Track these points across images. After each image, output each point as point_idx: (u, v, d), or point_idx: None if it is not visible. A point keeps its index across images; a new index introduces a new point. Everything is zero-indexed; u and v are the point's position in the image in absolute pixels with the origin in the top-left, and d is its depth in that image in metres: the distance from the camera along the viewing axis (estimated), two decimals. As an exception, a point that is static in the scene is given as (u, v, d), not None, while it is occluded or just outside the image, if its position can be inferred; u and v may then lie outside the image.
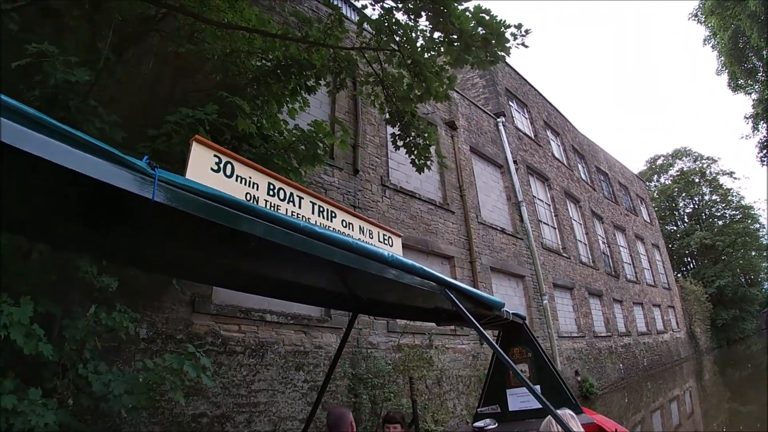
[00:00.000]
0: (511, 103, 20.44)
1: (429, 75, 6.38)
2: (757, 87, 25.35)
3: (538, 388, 4.40)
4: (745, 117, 25.97)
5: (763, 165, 24.57)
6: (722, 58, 25.88)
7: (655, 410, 13.40)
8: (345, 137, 7.41)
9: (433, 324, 8.86)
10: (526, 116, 21.73)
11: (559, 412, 2.70)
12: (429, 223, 11.77)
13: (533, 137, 20.77)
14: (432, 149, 7.95)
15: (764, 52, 21.08)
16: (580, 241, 21.85)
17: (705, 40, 28.91)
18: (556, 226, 19.66)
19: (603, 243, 24.79)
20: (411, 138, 7.66)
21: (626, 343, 22.26)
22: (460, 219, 12.98)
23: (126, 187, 1.37)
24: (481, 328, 3.00)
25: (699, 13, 25.31)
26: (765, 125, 24.14)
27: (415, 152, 7.71)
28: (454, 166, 13.78)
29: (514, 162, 17.03)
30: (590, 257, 22.10)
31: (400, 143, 7.75)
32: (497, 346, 3.03)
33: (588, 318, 18.96)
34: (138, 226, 1.79)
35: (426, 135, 7.63)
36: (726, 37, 23.67)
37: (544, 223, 18.77)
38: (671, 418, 12.49)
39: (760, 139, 24.27)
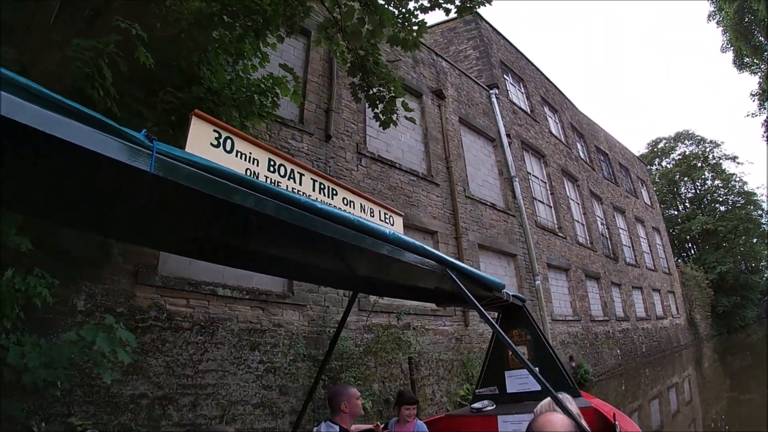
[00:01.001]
0: (506, 76, 19.44)
1: (383, 6, 5.43)
2: (763, 66, 24.41)
3: (536, 371, 4.04)
4: (752, 94, 25.14)
5: None
6: (727, 34, 24.92)
7: (653, 398, 12.80)
8: (297, 88, 6.40)
9: (412, 302, 8.45)
10: (522, 91, 20.74)
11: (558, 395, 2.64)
12: (410, 195, 10.84)
13: (529, 112, 19.78)
14: (399, 103, 6.95)
15: None
16: (578, 222, 20.96)
17: (710, 15, 28.01)
18: (551, 205, 18.73)
19: (602, 224, 23.99)
20: (375, 90, 6.68)
21: (624, 328, 21.54)
22: (446, 192, 12.04)
23: (123, 159, 1.33)
24: (483, 310, 2.91)
25: None
26: None
27: (380, 106, 6.73)
28: (440, 137, 12.83)
29: (508, 136, 16.08)
30: (588, 238, 21.23)
31: (361, 95, 6.79)
32: (499, 328, 2.93)
33: (584, 301, 18.12)
34: (135, 200, 1.73)
35: (392, 86, 6.63)
36: (732, 12, 22.69)
37: (539, 200, 17.83)
38: (669, 405, 12.01)
39: (767, 118, 23.26)
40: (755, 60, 25.58)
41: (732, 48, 26.15)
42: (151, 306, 6.05)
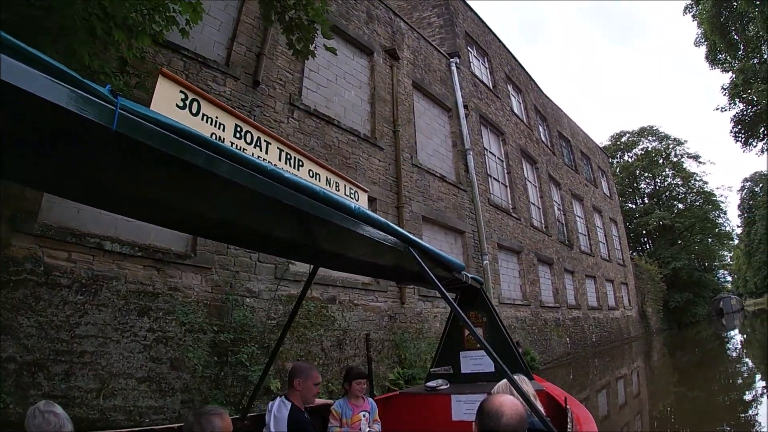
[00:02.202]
0: (470, 48, 18.50)
1: None
2: (735, 64, 24.10)
3: (494, 353, 4.13)
4: (723, 88, 24.86)
5: (737, 141, 23.29)
6: (703, 28, 24.40)
7: (601, 389, 12.49)
8: (198, 5, 5.23)
9: (340, 273, 7.62)
10: (486, 65, 19.84)
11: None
12: (348, 156, 9.81)
13: (491, 87, 18.89)
14: (319, 30, 5.88)
15: (755, 16, 19.43)
16: (534, 204, 20.34)
17: (686, 8, 27.63)
18: (507, 184, 17.96)
19: (558, 209, 23.54)
20: (291, 14, 5.60)
21: (575, 316, 21.24)
22: (390, 157, 11.04)
23: (86, 114, 1.27)
24: (444, 290, 2.86)
25: None
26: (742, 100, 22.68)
27: (296, 34, 5.66)
28: (390, 99, 11.80)
29: (465, 107, 15.14)
30: (543, 222, 20.65)
31: (274, 17, 5.68)
32: (459, 309, 2.86)
33: (535, 286, 17.53)
34: (93, 158, 1.61)
35: (311, 10, 5.54)
36: (709, 4, 22.12)
37: (494, 178, 17.02)
38: (617, 397, 11.68)
39: (737, 113, 22.95)
40: (728, 57, 25.32)
41: (706, 42, 25.80)
42: (26, 257, 5.25)
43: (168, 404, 6.02)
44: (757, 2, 18.07)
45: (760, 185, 66.36)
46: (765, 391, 10.51)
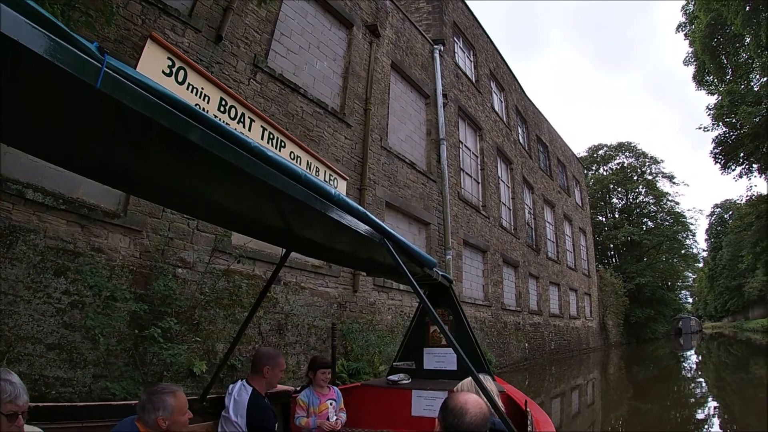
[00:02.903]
0: (456, 39, 17.93)
1: None
2: (721, 87, 24.07)
3: (461, 351, 3.92)
4: (708, 108, 24.80)
5: (716, 162, 23.20)
6: (694, 47, 24.25)
7: (556, 396, 12.48)
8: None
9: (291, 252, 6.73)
10: (471, 59, 19.34)
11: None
12: (311, 128, 9.15)
13: (473, 81, 18.37)
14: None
15: (749, 40, 19.28)
16: (505, 205, 19.99)
17: (679, 26, 27.61)
18: (479, 181, 17.51)
19: (529, 213, 23.34)
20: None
21: (536, 322, 21.09)
22: (358, 136, 10.42)
23: (70, 68, 1.19)
24: (417, 285, 2.71)
25: None
26: (724, 123, 22.59)
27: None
28: (365, 75, 11.16)
29: (444, 96, 14.58)
30: (512, 224, 20.32)
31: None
32: (430, 306, 2.71)
33: (498, 287, 17.16)
34: (71, 116, 1.51)
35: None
36: (705, 22, 21.94)
37: (467, 173, 16.53)
38: (571, 405, 11.72)
39: (719, 134, 22.94)
40: (715, 79, 25.32)
41: (695, 62, 25.72)
42: (-66, 197, 4.70)
43: (78, 377, 5.35)
44: (753, 26, 17.84)
45: (730, 212, 68.31)
46: (717, 411, 10.49)
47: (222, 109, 6.18)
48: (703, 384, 15.24)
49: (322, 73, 10.12)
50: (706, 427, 9.15)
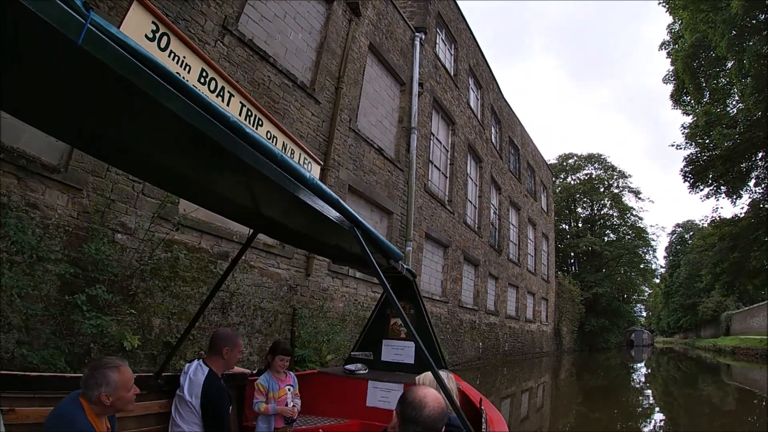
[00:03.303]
0: (439, 30, 17.66)
1: None
2: (698, 108, 24.36)
3: (413, 344, 4.94)
4: (683, 126, 25.09)
5: (685, 180, 23.46)
6: (675, 66, 24.41)
7: (506, 398, 12.43)
8: None
9: (239, 227, 7.17)
10: (452, 52, 19.10)
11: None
12: (277, 100, 8.73)
13: (452, 75, 18.09)
14: None
15: (732, 65, 19.45)
16: (471, 202, 19.85)
17: (663, 44, 27.77)
18: (448, 175, 17.31)
19: (494, 213, 23.28)
20: None
21: (492, 322, 21.08)
22: (326, 114, 10.03)
23: (52, 21, 1.11)
24: (384, 277, 2.67)
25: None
26: (696, 143, 22.88)
27: None
28: (340, 53, 10.76)
29: (420, 85, 14.29)
30: (476, 222, 20.21)
31: None
32: (395, 299, 2.60)
33: (457, 284, 17.02)
34: (48, 74, 1.43)
35: None
36: (689, 42, 22.05)
37: (436, 166, 16.29)
38: (521, 408, 11.67)
39: (691, 153, 23.20)
40: (692, 101, 25.62)
41: (675, 81, 25.95)
42: None
43: (0, 341, 4.90)
44: (736, 49, 17.98)
45: (691, 233, 70.22)
46: (662, 424, 10.58)
47: (202, 80, 5.89)
48: (651, 397, 15.34)
49: (295, 45, 9.70)
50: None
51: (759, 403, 13.27)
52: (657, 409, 12.76)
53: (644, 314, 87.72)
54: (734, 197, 23.86)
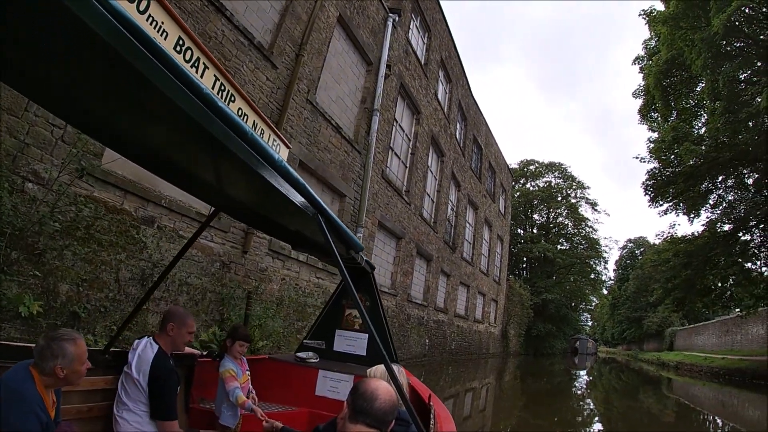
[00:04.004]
0: (414, 17, 17.15)
1: None
2: (664, 126, 24.62)
3: (367, 337, 4.96)
4: (649, 140, 25.29)
5: (646, 194, 23.63)
6: (647, 81, 24.44)
7: (449, 397, 12.17)
8: None
9: (170, 190, 6.77)
10: (425, 41, 18.57)
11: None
12: (229, 57, 8.00)
13: (422, 63, 17.55)
14: None
15: (704, 85, 19.52)
16: (429, 195, 19.42)
17: (637, 59, 27.89)
18: (407, 165, 16.81)
19: (452, 210, 22.96)
20: None
21: (440, 319, 20.75)
22: (282, 81, 9.33)
23: None
24: (344, 267, 2.56)
25: (653, 12, 23.41)
26: (660, 159, 23.06)
27: None
28: (306, 20, 10.06)
29: (388, 67, 13.66)
30: (433, 216, 19.79)
31: None
32: (354, 290, 2.54)
33: (407, 278, 16.56)
34: (21, 32, 1.34)
35: None
36: (664, 58, 22.07)
37: (396, 153, 15.75)
38: (463, 408, 11.51)
39: (654, 167, 23.33)
40: (659, 117, 25.85)
41: (645, 96, 26.07)
42: None
43: None
44: (710, 69, 17.99)
45: (642, 249, 72.08)
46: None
47: (178, 48, 5.55)
48: (591, 404, 15.44)
49: (257, 4, 8.97)
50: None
51: (696, 416, 13.34)
52: (596, 418, 12.72)
53: (590, 323, 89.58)
54: (692, 215, 24.18)
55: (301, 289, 10.12)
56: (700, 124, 23.78)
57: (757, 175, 22.46)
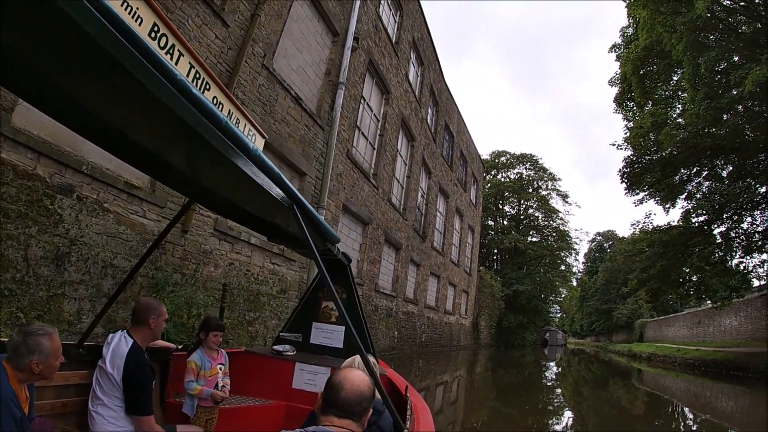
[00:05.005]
0: (386, -8, 16.17)
1: None
2: (638, 114, 24.77)
3: (343, 329, 4.97)
4: (627, 126, 25.10)
5: (623, 182, 23.36)
6: (625, 68, 24.03)
7: (420, 390, 11.62)
8: None
9: (94, 154, 6.04)
10: (396, 19, 17.75)
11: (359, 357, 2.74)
12: (172, 9, 6.92)
13: (393, 42, 16.67)
14: None
15: (684, 70, 19.07)
16: (398, 181, 18.60)
17: (614, 47, 27.68)
18: (375, 147, 15.91)
19: (422, 197, 22.29)
20: None
21: (410, 311, 20.03)
22: (234, 41, 8.29)
23: None
24: (320, 260, 2.54)
25: None
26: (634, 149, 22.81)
27: None
28: (263, -23, 9.04)
29: (356, 40, 12.70)
30: (402, 203, 18.98)
31: None
32: (331, 284, 2.52)
33: (375, 266, 15.72)
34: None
35: None
36: (642, 45, 21.59)
37: (363, 133, 14.83)
38: (435, 402, 11.14)
39: (631, 155, 23.07)
40: (635, 106, 25.79)
41: (622, 84, 25.84)
42: None
43: None
44: (690, 54, 17.51)
45: (610, 242, 72.93)
46: (571, 422, 10.57)
47: (153, 35, 5.29)
48: (561, 396, 15.24)
49: (204, -48, 7.95)
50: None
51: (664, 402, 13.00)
52: (566, 408, 12.67)
53: (559, 315, 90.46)
54: (668, 205, 24.01)
55: (252, 276, 9.12)
56: (675, 115, 23.45)
57: (731, 168, 22.33)
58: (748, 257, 22.34)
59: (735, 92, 16.86)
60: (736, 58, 18.76)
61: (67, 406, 3.07)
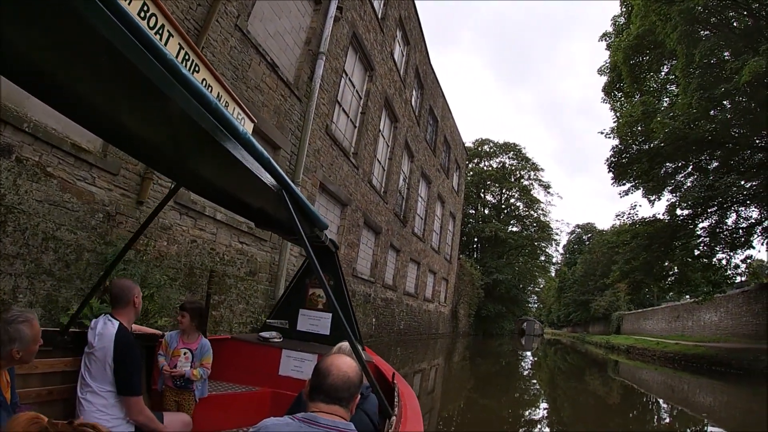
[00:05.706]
0: (374, -35, 15.44)
1: None
2: (626, 105, 24.70)
3: (330, 316, 5.01)
4: (617, 116, 25.18)
5: (610, 171, 23.28)
6: (615, 57, 23.76)
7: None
8: None
9: (35, 111, 5.40)
10: (383, -6, 16.86)
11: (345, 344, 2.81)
12: (128, -48, 6.24)
13: (378, 17, 15.94)
14: None
15: (678, 61, 18.71)
16: (379, 162, 18.01)
17: (605, 35, 27.57)
18: (357, 125, 15.23)
19: (404, 181, 21.75)
20: None
21: (388, 297, 19.54)
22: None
23: None
24: (309, 247, 2.55)
25: None
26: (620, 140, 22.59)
27: None
28: (238, -69, 8.28)
29: (339, 10, 11.98)
30: (383, 185, 18.39)
31: None
32: (321, 271, 2.56)
33: (353, 250, 15.14)
34: None
35: None
36: (634, 33, 21.21)
37: (344, 109, 14.13)
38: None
39: (618, 144, 22.85)
40: (623, 96, 25.74)
41: (611, 73, 25.71)
42: None
43: None
44: (685, 42, 17.12)
45: (589, 235, 73.38)
46: (546, 413, 10.50)
47: (143, 14, 5.22)
48: (537, 385, 15.18)
49: None
50: (537, 426, 9.28)
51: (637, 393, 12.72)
52: (543, 398, 12.67)
53: (536, 305, 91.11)
54: (654, 197, 23.94)
55: (218, 255, 8.42)
56: (663, 108, 23.26)
57: (716, 163, 22.19)
58: (732, 252, 22.31)
59: (729, 84, 16.50)
60: (727, 54, 18.51)
61: (53, 393, 3.01)
